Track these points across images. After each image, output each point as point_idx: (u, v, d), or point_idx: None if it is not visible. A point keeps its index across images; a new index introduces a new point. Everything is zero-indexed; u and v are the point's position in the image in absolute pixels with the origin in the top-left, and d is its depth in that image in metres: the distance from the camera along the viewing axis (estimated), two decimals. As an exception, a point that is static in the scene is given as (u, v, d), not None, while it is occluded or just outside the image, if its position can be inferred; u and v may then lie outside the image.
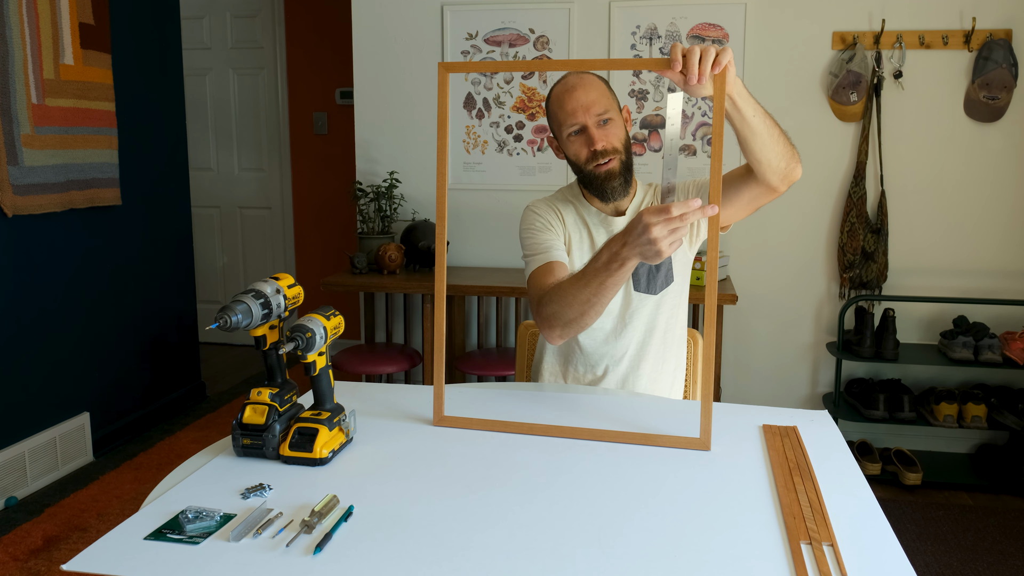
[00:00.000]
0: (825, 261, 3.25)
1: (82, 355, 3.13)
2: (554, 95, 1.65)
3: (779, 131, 1.46)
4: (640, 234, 1.26)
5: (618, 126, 1.63)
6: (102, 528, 2.60)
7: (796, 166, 1.51)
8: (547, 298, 1.52)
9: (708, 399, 1.28)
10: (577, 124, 1.61)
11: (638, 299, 1.70)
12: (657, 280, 1.69)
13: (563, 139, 1.66)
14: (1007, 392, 3.07)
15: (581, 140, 1.63)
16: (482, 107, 3.39)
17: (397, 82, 3.45)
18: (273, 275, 1.27)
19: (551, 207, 1.75)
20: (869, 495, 1.13)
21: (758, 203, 1.61)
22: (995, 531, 2.63)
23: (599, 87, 1.63)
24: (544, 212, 1.73)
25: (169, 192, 3.64)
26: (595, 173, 1.64)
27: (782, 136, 1.47)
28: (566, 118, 1.62)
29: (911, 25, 3.05)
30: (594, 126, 1.60)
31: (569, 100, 1.61)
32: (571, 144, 1.64)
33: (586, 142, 1.62)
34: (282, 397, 1.25)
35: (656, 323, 1.71)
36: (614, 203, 1.70)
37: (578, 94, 1.60)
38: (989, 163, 3.09)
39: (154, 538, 0.99)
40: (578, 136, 1.63)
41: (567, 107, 1.61)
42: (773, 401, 3.33)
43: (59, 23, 2.88)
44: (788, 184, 1.54)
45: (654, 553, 0.96)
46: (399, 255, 3.18)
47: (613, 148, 1.62)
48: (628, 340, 1.71)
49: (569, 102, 1.61)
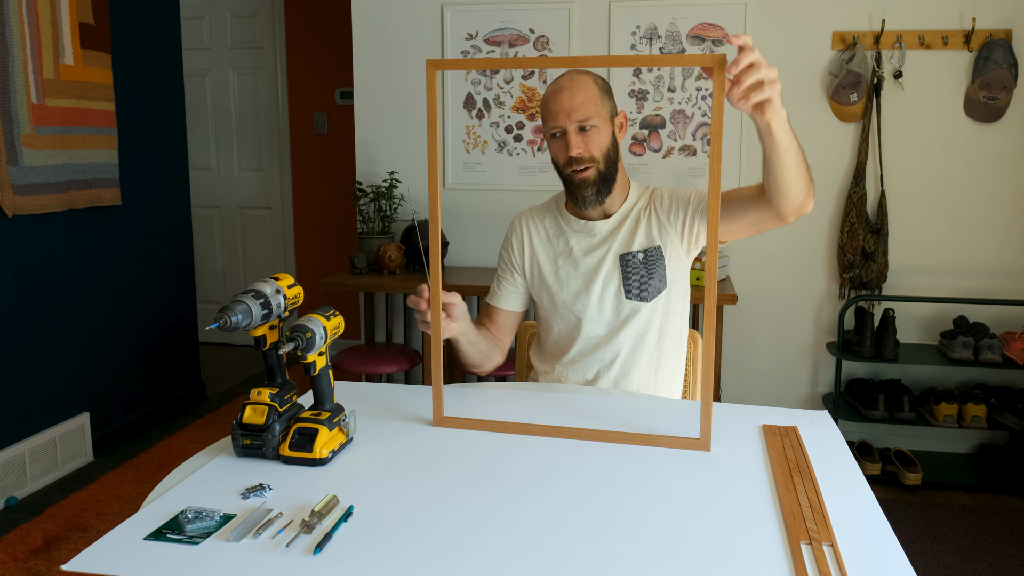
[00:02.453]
0: (825, 261, 3.25)
1: (82, 355, 3.13)
2: (545, 93, 1.65)
3: (806, 167, 1.44)
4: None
5: (601, 134, 1.61)
6: (102, 528, 2.60)
7: (810, 200, 1.50)
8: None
9: (708, 401, 1.28)
10: (557, 127, 1.61)
11: (630, 307, 1.69)
12: (649, 288, 1.68)
13: (547, 138, 1.67)
14: (1007, 392, 3.07)
15: (560, 144, 1.63)
16: (482, 107, 3.39)
17: (397, 82, 3.45)
18: (273, 275, 1.27)
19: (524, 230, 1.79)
20: (869, 495, 1.13)
21: (762, 227, 1.59)
22: (995, 531, 2.63)
23: (588, 92, 1.60)
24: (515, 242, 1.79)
25: (169, 192, 3.64)
26: (571, 178, 1.64)
27: (807, 172, 1.45)
28: (548, 119, 1.63)
29: (911, 25, 3.05)
30: (573, 132, 1.60)
31: (554, 102, 1.61)
32: (552, 145, 1.66)
33: (564, 146, 1.62)
34: (282, 397, 1.25)
35: (649, 328, 1.70)
36: (599, 207, 1.70)
37: (563, 97, 1.59)
38: (989, 163, 3.09)
39: (154, 538, 0.99)
40: (558, 139, 1.63)
41: (551, 108, 1.61)
42: (773, 401, 3.33)
43: (59, 23, 2.88)
44: (797, 216, 1.52)
45: (654, 553, 0.96)
46: (399, 255, 3.18)
47: (590, 156, 1.61)
48: (619, 345, 1.70)
49: (553, 104, 1.61)
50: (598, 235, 1.72)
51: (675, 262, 1.69)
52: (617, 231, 1.71)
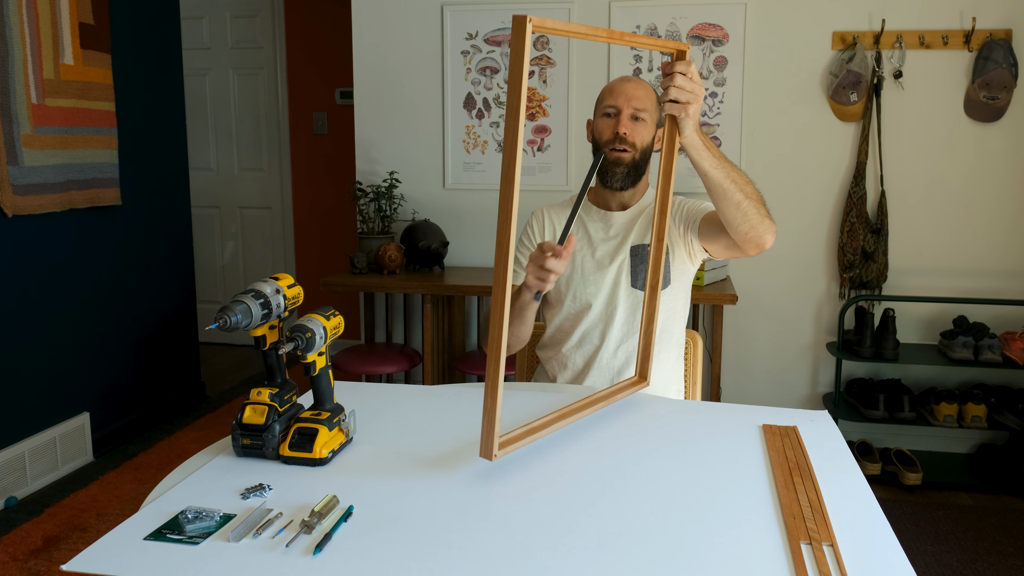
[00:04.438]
0: (825, 261, 3.25)
1: (82, 355, 3.13)
2: (610, 84, 1.78)
3: (746, 194, 1.50)
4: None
5: (647, 129, 1.73)
6: (102, 528, 2.60)
7: (765, 234, 1.55)
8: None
9: (650, 332, 1.45)
10: (614, 107, 1.72)
11: (636, 296, 1.78)
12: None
13: (598, 117, 1.76)
14: (1007, 392, 3.07)
15: (611, 123, 1.73)
16: (482, 107, 3.39)
17: (397, 82, 3.45)
18: (273, 275, 1.27)
19: (545, 219, 1.88)
20: (869, 495, 1.13)
21: (730, 254, 1.69)
22: (995, 531, 2.63)
23: (649, 92, 1.74)
24: (536, 227, 1.88)
25: (169, 192, 3.64)
26: (608, 155, 1.73)
27: (750, 200, 1.51)
28: (607, 98, 1.74)
29: (911, 25, 3.05)
30: (627, 116, 1.71)
31: (618, 86, 1.74)
32: (600, 122, 1.75)
33: (613, 125, 1.72)
34: (282, 397, 1.25)
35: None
36: (617, 195, 1.80)
37: (628, 86, 1.73)
38: (989, 163, 3.08)
39: (154, 538, 0.99)
40: (610, 119, 1.73)
41: (614, 90, 1.74)
42: (773, 401, 3.33)
43: (59, 23, 2.88)
44: (754, 249, 1.59)
45: (654, 553, 0.96)
46: (399, 255, 3.18)
47: (632, 143, 1.72)
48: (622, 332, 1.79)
49: (618, 87, 1.74)
50: (615, 225, 1.81)
51: (679, 262, 1.78)
52: (633, 224, 1.81)
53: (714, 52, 3.19)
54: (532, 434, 1.24)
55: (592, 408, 1.39)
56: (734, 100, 3.20)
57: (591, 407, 1.39)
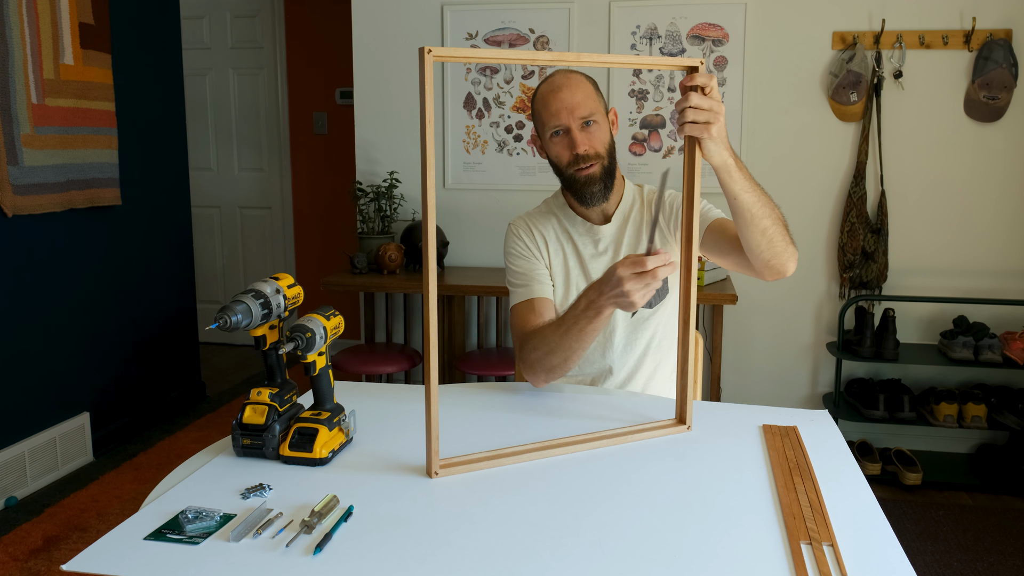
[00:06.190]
0: (825, 261, 3.25)
1: (82, 355, 3.13)
2: (539, 94, 1.61)
3: (773, 220, 1.40)
4: (614, 286, 1.28)
5: (602, 129, 1.59)
6: (102, 528, 2.60)
7: (788, 262, 1.45)
8: (530, 344, 1.52)
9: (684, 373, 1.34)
10: (560, 125, 1.57)
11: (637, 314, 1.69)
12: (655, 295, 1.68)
13: (546, 139, 1.62)
14: (1007, 392, 3.07)
15: (564, 142, 1.59)
16: (482, 107, 3.39)
17: (397, 82, 3.45)
18: (273, 275, 1.27)
19: (532, 229, 1.72)
20: (869, 495, 1.13)
21: (740, 270, 1.56)
22: (995, 531, 2.63)
23: (586, 88, 1.58)
24: (525, 236, 1.71)
25: (169, 192, 3.64)
26: (575, 177, 1.60)
27: (777, 225, 1.41)
28: (549, 118, 1.58)
29: (911, 25, 3.05)
30: (577, 129, 1.56)
31: (554, 100, 1.57)
32: (553, 145, 1.61)
33: (568, 145, 1.58)
34: (282, 397, 1.25)
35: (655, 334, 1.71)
36: (598, 208, 1.66)
37: (563, 95, 1.56)
38: (989, 163, 3.08)
39: (154, 538, 0.99)
40: (561, 138, 1.59)
41: (551, 107, 1.57)
42: (773, 401, 3.33)
43: (59, 23, 2.88)
44: (773, 275, 1.47)
45: (654, 553, 0.96)
46: (399, 255, 3.18)
47: (596, 153, 1.58)
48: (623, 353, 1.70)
49: (554, 102, 1.57)
50: (603, 239, 1.69)
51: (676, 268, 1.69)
52: (621, 234, 1.69)
53: (714, 52, 3.19)
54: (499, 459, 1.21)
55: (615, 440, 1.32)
56: (734, 100, 3.20)
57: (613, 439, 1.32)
